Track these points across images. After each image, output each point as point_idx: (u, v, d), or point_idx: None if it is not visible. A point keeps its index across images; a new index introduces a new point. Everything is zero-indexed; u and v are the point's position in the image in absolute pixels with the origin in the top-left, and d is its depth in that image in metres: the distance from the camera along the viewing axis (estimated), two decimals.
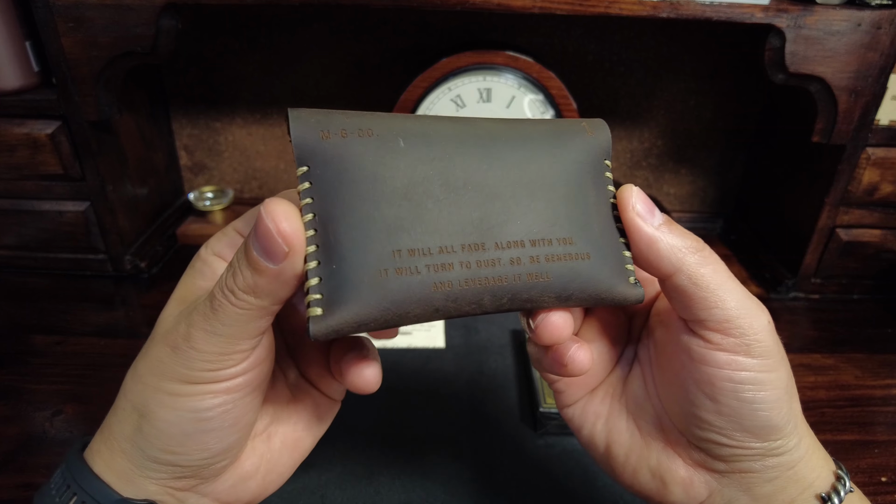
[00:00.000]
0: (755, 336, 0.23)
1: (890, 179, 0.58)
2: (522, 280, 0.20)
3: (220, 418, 0.22)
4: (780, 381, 0.24)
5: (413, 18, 0.67)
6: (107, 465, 0.23)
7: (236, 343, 0.21)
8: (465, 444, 0.43)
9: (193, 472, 0.23)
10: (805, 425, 0.26)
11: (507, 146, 0.21)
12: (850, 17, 0.49)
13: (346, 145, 0.20)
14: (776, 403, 0.24)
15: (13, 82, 0.54)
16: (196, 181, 0.77)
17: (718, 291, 0.23)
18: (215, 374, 0.22)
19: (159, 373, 0.22)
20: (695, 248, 0.23)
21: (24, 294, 0.60)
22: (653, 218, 0.24)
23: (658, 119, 0.73)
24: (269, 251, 0.20)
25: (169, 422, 0.22)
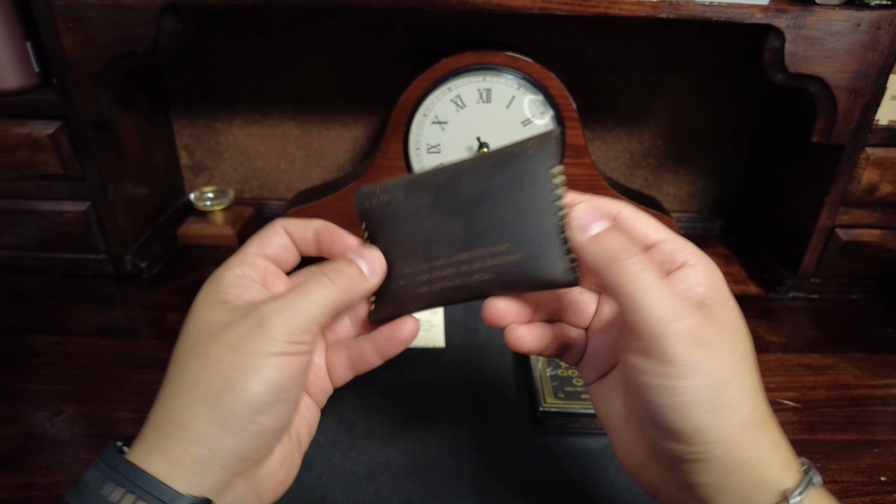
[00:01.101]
0: (663, 342, 0.24)
1: (889, 179, 0.58)
2: (475, 280, 0.29)
3: (290, 391, 0.27)
4: (693, 389, 0.24)
5: (413, 18, 0.67)
6: (172, 461, 0.25)
7: (316, 322, 0.27)
8: (465, 443, 0.43)
9: (256, 448, 0.26)
10: (761, 427, 0.25)
11: (471, 191, 0.29)
12: (849, 18, 0.49)
13: (377, 208, 0.31)
14: (688, 409, 0.24)
15: (13, 82, 0.54)
16: (196, 181, 0.77)
17: (633, 298, 0.25)
18: (292, 346, 0.26)
19: (246, 351, 0.25)
20: (615, 258, 0.25)
21: (23, 294, 0.60)
22: (587, 230, 0.27)
23: (658, 119, 0.73)
24: (371, 263, 0.30)
25: (256, 392, 0.25)
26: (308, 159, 0.76)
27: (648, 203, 0.66)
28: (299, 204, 0.64)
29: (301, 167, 0.76)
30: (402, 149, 0.61)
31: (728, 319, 0.26)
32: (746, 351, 0.26)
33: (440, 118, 0.60)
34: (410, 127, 0.60)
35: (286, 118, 0.73)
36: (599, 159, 0.75)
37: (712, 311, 0.26)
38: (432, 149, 0.61)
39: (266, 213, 0.77)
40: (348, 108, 0.72)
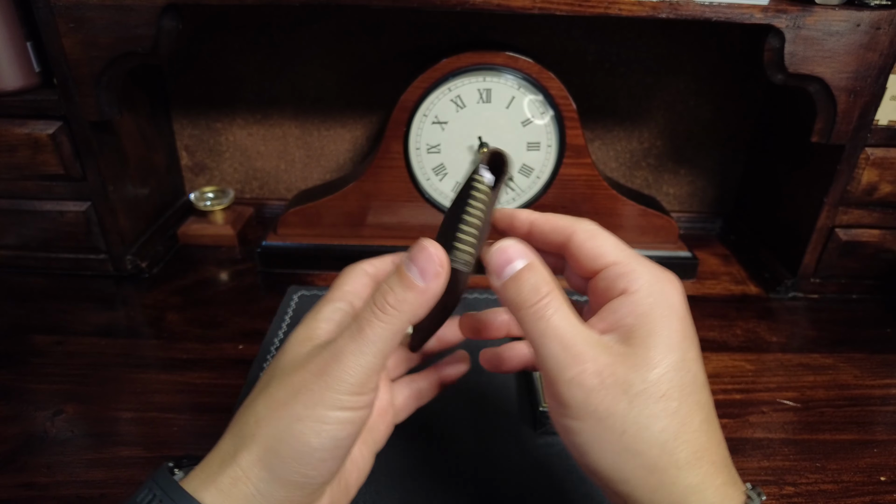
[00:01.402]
0: (559, 388, 0.25)
1: (889, 179, 0.58)
2: None
3: (345, 447, 0.25)
4: (585, 431, 0.25)
5: (413, 19, 0.67)
6: (224, 495, 0.24)
7: (379, 361, 0.25)
8: (466, 443, 0.43)
9: (302, 497, 0.25)
10: (678, 469, 0.24)
11: None
12: (849, 18, 0.49)
13: None
14: (587, 448, 0.25)
15: (14, 82, 0.54)
16: (197, 181, 0.77)
17: (535, 345, 0.25)
18: (357, 399, 0.25)
19: (307, 401, 0.24)
20: (521, 306, 0.25)
21: (24, 294, 0.60)
22: (500, 276, 0.26)
23: (657, 119, 0.73)
24: (424, 271, 0.25)
25: (312, 447, 0.24)
26: (308, 159, 0.76)
27: (648, 203, 0.66)
28: (300, 204, 0.65)
29: (301, 167, 0.76)
30: (403, 149, 0.61)
31: (654, 356, 0.25)
32: (671, 389, 0.24)
33: (440, 118, 0.60)
34: (410, 127, 0.60)
35: (286, 118, 0.73)
36: (599, 159, 0.75)
37: (637, 344, 0.25)
38: (432, 149, 0.61)
39: (266, 213, 0.77)
40: (348, 108, 0.72)
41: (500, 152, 0.29)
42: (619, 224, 0.65)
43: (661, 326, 0.25)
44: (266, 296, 0.60)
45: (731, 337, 0.57)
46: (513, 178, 0.30)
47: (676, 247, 0.66)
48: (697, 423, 0.25)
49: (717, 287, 0.65)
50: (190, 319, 0.57)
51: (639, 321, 0.25)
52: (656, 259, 0.64)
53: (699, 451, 0.24)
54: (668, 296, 0.26)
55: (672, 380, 0.24)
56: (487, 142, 0.60)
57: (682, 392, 0.25)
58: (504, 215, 0.30)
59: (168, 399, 0.47)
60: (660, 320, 0.25)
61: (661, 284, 0.26)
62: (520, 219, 0.30)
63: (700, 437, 0.24)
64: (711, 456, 0.25)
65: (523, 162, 0.62)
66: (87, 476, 0.40)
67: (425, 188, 0.63)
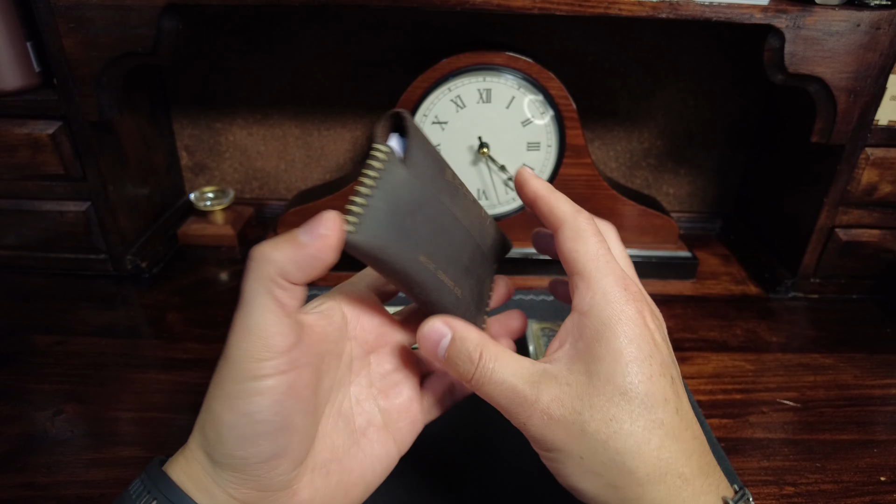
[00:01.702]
0: (520, 428, 0.27)
1: (889, 179, 0.58)
2: None
3: (270, 421, 0.24)
4: (551, 460, 0.27)
5: (413, 19, 0.67)
6: (186, 475, 0.25)
7: (264, 323, 0.23)
8: (466, 443, 0.43)
9: (255, 481, 0.25)
10: (640, 485, 0.25)
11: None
12: (849, 18, 0.49)
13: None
14: (555, 473, 0.27)
15: (14, 82, 0.54)
16: (197, 181, 0.77)
17: (493, 402, 0.28)
18: (257, 366, 0.23)
19: (218, 380, 0.25)
20: (463, 378, 0.28)
21: (25, 294, 0.60)
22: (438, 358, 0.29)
23: (657, 119, 0.73)
24: (310, 230, 0.24)
25: (228, 424, 0.24)
26: (308, 159, 0.76)
27: (648, 203, 0.66)
28: (300, 204, 0.65)
29: (301, 167, 0.76)
30: None
31: (604, 377, 0.25)
32: (623, 408, 0.25)
33: (440, 118, 0.60)
34: None
35: (287, 118, 0.73)
36: (599, 159, 0.75)
37: (590, 363, 0.26)
38: None
39: (266, 213, 0.77)
40: (348, 108, 0.72)
41: (397, 113, 0.27)
42: (620, 224, 0.64)
43: (605, 351, 0.25)
44: None
45: (731, 337, 0.57)
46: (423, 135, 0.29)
47: (676, 247, 0.66)
48: (657, 441, 0.25)
49: (717, 287, 0.65)
50: (190, 319, 0.57)
51: (586, 345, 0.26)
52: (656, 259, 0.65)
53: (662, 467, 0.25)
54: (618, 317, 0.26)
55: (618, 403, 0.25)
56: (488, 142, 0.60)
57: (631, 413, 0.25)
58: (521, 178, 0.31)
59: (168, 399, 0.47)
60: (605, 343, 0.25)
61: (613, 305, 0.26)
62: (528, 189, 0.30)
63: (662, 454, 0.25)
64: (678, 470, 0.25)
65: (523, 162, 0.62)
66: (88, 476, 0.40)
67: None
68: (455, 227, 0.29)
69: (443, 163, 0.29)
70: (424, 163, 0.27)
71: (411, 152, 0.27)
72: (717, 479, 0.26)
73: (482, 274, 0.31)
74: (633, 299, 0.27)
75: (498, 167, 0.62)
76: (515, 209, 0.64)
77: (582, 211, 0.29)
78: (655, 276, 0.65)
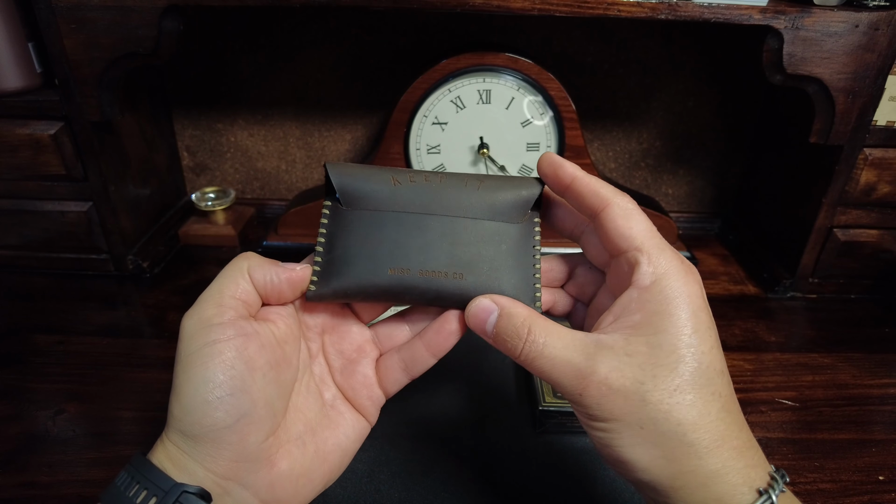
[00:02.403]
0: (573, 403, 0.27)
1: (887, 180, 0.58)
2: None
3: (226, 384, 0.26)
4: (605, 431, 0.26)
5: (413, 20, 0.67)
6: (166, 457, 0.26)
7: (221, 301, 0.27)
8: (466, 442, 0.43)
9: (229, 450, 0.26)
10: (691, 459, 0.25)
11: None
12: (847, 19, 0.49)
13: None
14: (604, 445, 0.27)
15: (16, 83, 0.54)
16: (198, 181, 0.77)
17: (546, 377, 0.28)
18: (208, 333, 0.26)
19: (177, 355, 0.27)
20: (513, 354, 0.28)
21: (26, 294, 0.60)
22: (488, 334, 0.30)
23: (656, 120, 0.73)
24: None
25: (190, 393, 0.26)
26: (309, 160, 0.76)
27: (647, 203, 0.66)
28: (300, 204, 0.65)
29: (302, 168, 0.76)
30: (403, 149, 0.61)
31: (662, 351, 0.26)
32: (682, 383, 0.25)
33: (440, 119, 0.60)
34: (411, 128, 0.60)
35: (287, 119, 0.73)
36: (598, 160, 0.76)
37: (648, 338, 0.26)
38: (432, 149, 0.61)
39: (267, 213, 0.77)
40: (349, 109, 0.73)
41: (324, 166, 0.32)
42: None
43: (668, 323, 0.26)
44: None
45: (730, 337, 0.57)
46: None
47: (675, 247, 0.66)
48: (715, 412, 0.25)
49: (715, 287, 0.66)
50: None
51: (646, 318, 0.26)
52: None
53: (719, 438, 0.25)
54: (681, 290, 0.26)
55: (683, 374, 0.25)
56: (488, 143, 0.61)
57: (694, 384, 0.25)
58: (550, 163, 0.31)
59: (169, 399, 0.47)
60: (668, 317, 0.26)
61: (675, 279, 0.26)
62: (565, 172, 0.30)
63: (719, 426, 0.25)
64: (732, 441, 0.25)
65: (523, 162, 0.62)
66: (89, 475, 0.40)
67: None
68: (424, 223, 0.31)
69: (389, 175, 0.32)
70: (365, 190, 0.31)
71: (343, 192, 0.31)
72: (761, 453, 0.27)
73: (488, 244, 0.31)
74: (693, 273, 0.27)
75: (498, 167, 0.62)
76: None
77: (622, 191, 0.29)
78: None
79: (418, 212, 0.31)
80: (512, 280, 0.31)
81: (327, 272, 0.30)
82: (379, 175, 0.32)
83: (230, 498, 0.26)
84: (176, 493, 0.25)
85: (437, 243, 0.31)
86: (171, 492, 0.25)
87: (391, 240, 0.30)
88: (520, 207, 0.32)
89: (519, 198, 0.32)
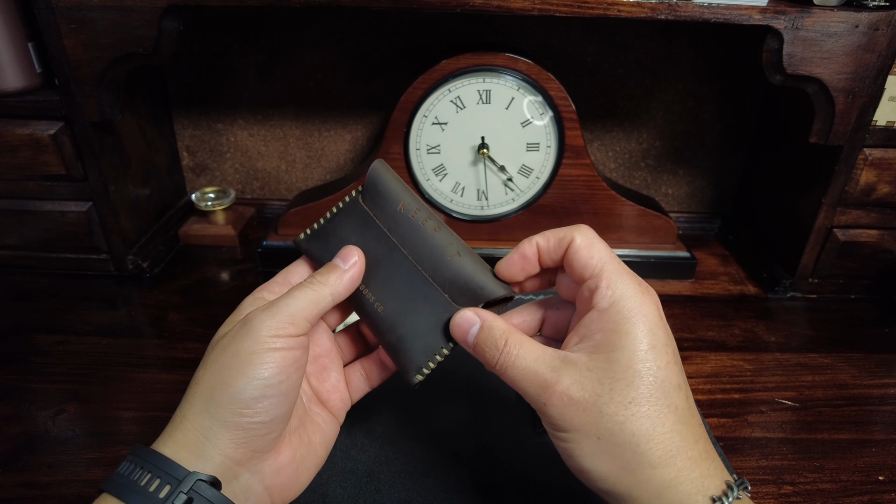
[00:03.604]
0: (542, 410, 0.28)
1: (887, 180, 0.58)
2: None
3: (277, 386, 0.29)
4: (566, 441, 0.28)
5: (413, 20, 0.67)
6: (179, 446, 0.28)
7: (300, 315, 0.30)
8: (465, 442, 0.43)
9: (250, 438, 0.29)
10: (651, 468, 0.26)
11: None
12: (847, 19, 0.49)
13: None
14: (566, 456, 0.28)
15: (16, 83, 0.54)
16: (198, 182, 0.77)
17: (515, 386, 0.29)
18: (277, 341, 0.29)
19: (234, 350, 0.29)
20: (488, 364, 0.31)
21: (26, 294, 0.60)
22: (469, 344, 0.32)
23: (656, 120, 0.73)
24: (346, 261, 0.33)
25: (240, 387, 0.28)
26: (309, 160, 0.76)
27: (647, 203, 0.66)
28: (300, 204, 0.65)
29: (302, 168, 0.76)
30: (403, 149, 0.61)
31: (621, 366, 0.27)
32: (638, 396, 0.27)
33: (440, 119, 0.60)
34: (411, 128, 0.60)
35: (287, 119, 0.73)
36: (598, 160, 0.76)
37: (607, 354, 0.27)
38: (432, 149, 0.61)
39: (267, 213, 0.77)
40: (349, 109, 0.73)
41: (373, 166, 0.36)
42: (618, 224, 0.65)
43: (626, 341, 0.27)
44: None
45: (730, 337, 0.57)
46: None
47: (675, 247, 0.66)
48: (670, 424, 0.27)
49: (715, 287, 0.66)
50: (191, 319, 0.57)
51: (606, 337, 0.28)
52: (655, 259, 0.65)
53: (672, 450, 0.26)
54: (637, 310, 0.28)
55: (638, 388, 0.27)
56: (488, 143, 0.61)
57: (650, 398, 0.27)
58: (514, 260, 0.32)
59: (169, 398, 0.47)
60: (625, 335, 0.28)
61: (632, 300, 0.28)
62: (527, 249, 0.32)
63: (674, 438, 0.27)
64: (687, 453, 0.27)
65: (523, 162, 0.62)
66: (89, 475, 0.40)
67: (425, 189, 0.63)
68: (395, 255, 0.34)
69: (403, 197, 0.35)
70: (382, 199, 0.35)
71: (368, 187, 0.35)
72: (719, 464, 0.28)
73: (424, 305, 0.33)
74: (650, 294, 0.29)
75: (497, 167, 0.62)
76: (514, 209, 0.64)
77: (580, 225, 0.31)
78: (654, 276, 0.65)
79: (398, 243, 0.34)
80: (418, 347, 0.33)
81: (317, 237, 0.36)
82: (398, 193, 0.35)
83: (238, 483, 0.29)
84: (191, 482, 0.27)
85: (392, 280, 0.34)
86: (185, 480, 0.27)
87: (367, 250, 0.34)
88: (471, 298, 0.33)
89: (476, 290, 0.33)
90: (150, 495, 0.26)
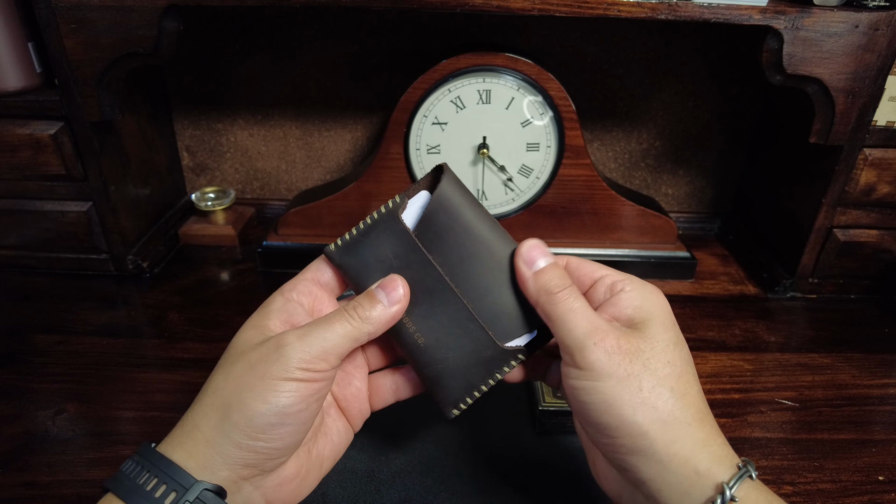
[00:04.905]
0: (582, 352, 0.29)
1: (887, 180, 0.58)
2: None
3: (296, 415, 0.28)
4: (607, 389, 0.28)
5: (413, 20, 0.67)
6: (188, 454, 0.28)
7: (333, 352, 0.29)
8: (465, 442, 0.43)
9: (260, 461, 0.28)
10: (689, 425, 0.28)
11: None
12: (847, 19, 0.49)
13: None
14: (608, 405, 0.28)
15: (16, 83, 0.54)
16: (198, 182, 0.77)
17: (560, 321, 0.30)
18: (305, 374, 0.28)
19: (261, 372, 0.28)
20: (549, 291, 0.30)
21: (26, 293, 0.60)
22: (532, 265, 0.32)
23: (656, 120, 0.73)
24: (390, 296, 0.31)
25: (259, 412, 0.27)
26: (309, 160, 0.76)
27: (647, 203, 0.66)
28: (300, 204, 0.65)
29: (302, 168, 0.76)
30: (403, 149, 0.61)
31: (655, 333, 0.29)
32: (674, 358, 0.29)
33: (440, 119, 0.60)
34: (411, 128, 0.60)
35: (287, 119, 0.73)
36: (598, 160, 0.76)
37: (639, 328, 0.30)
38: (432, 149, 0.61)
39: (267, 213, 0.77)
40: (349, 109, 0.73)
41: (439, 167, 0.33)
42: (618, 224, 0.65)
43: (654, 315, 0.30)
44: (266, 295, 0.60)
45: (730, 337, 0.57)
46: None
47: (675, 247, 0.66)
48: (696, 391, 0.29)
49: (715, 287, 0.66)
50: (191, 319, 0.57)
51: (636, 311, 0.30)
52: (655, 259, 0.65)
53: (702, 412, 0.29)
54: (655, 298, 0.31)
55: (672, 352, 0.29)
56: (488, 143, 0.61)
57: (682, 361, 0.29)
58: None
59: (169, 398, 0.47)
60: (653, 310, 0.30)
61: (648, 290, 0.31)
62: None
63: (700, 402, 0.29)
64: (711, 419, 0.29)
65: (523, 162, 0.62)
66: (89, 475, 0.40)
67: None
68: (441, 287, 0.32)
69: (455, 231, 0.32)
70: (437, 225, 0.32)
71: (428, 208, 0.32)
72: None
73: (468, 342, 0.32)
74: (658, 289, 0.32)
75: (497, 167, 0.62)
76: (514, 209, 0.64)
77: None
78: (654, 276, 0.65)
79: (444, 274, 0.32)
80: (458, 384, 0.33)
81: (350, 250, 0.33)
82: (459, 225, 0.32)
83: (240, 495, 0.29)
84: (197, 491, 0.27)
85: (436, 314, 0.32)
86: (192, 489, 0.27)
87: (410, 277, 0.32)
88: (512, 332, 0.33)
89: (518, 330, 0.33)
90: (156, 501, 0.26)
